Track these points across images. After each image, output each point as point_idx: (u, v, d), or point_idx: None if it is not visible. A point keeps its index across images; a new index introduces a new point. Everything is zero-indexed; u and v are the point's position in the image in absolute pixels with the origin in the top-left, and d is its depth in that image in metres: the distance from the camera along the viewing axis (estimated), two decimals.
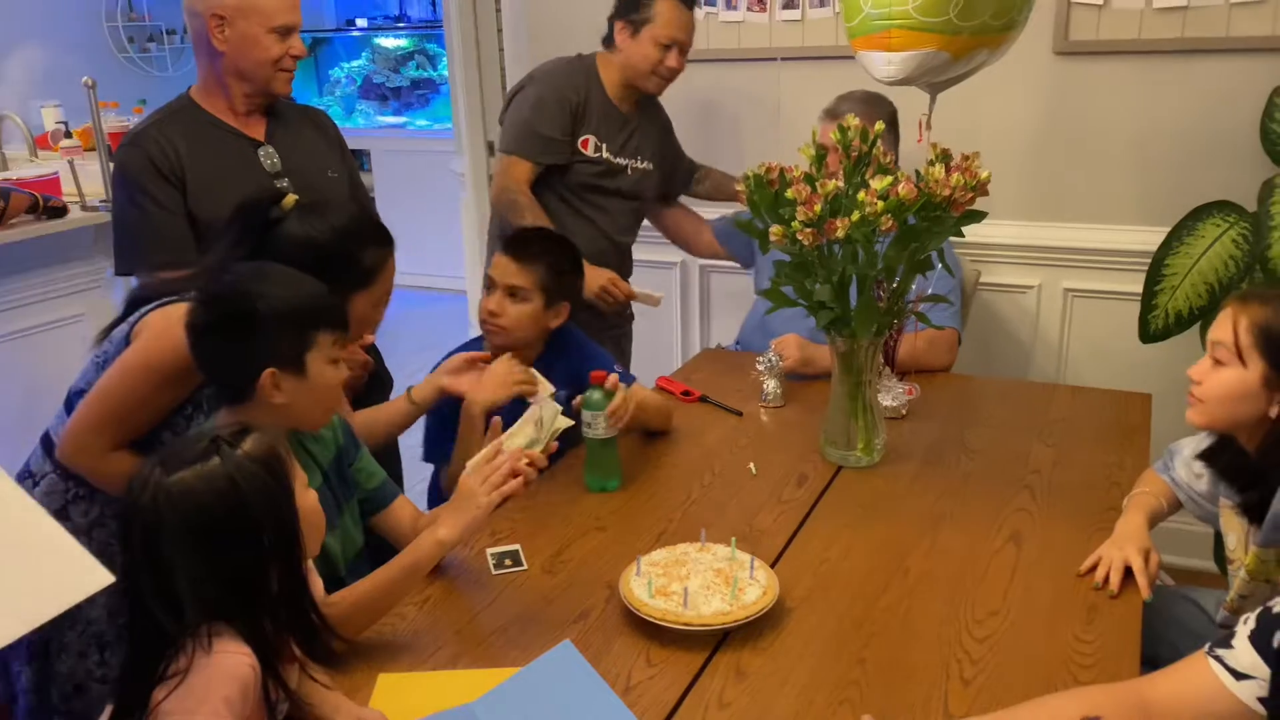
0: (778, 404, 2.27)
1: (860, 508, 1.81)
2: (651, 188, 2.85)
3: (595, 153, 2.69)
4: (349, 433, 1.66)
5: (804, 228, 1.71)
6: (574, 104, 2.65)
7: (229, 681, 1.07)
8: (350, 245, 1.63)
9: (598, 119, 2.68)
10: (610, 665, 1.37)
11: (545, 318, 2.04)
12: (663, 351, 3.45)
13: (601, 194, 2.73)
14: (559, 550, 1.69)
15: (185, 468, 1.11)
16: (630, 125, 2.74)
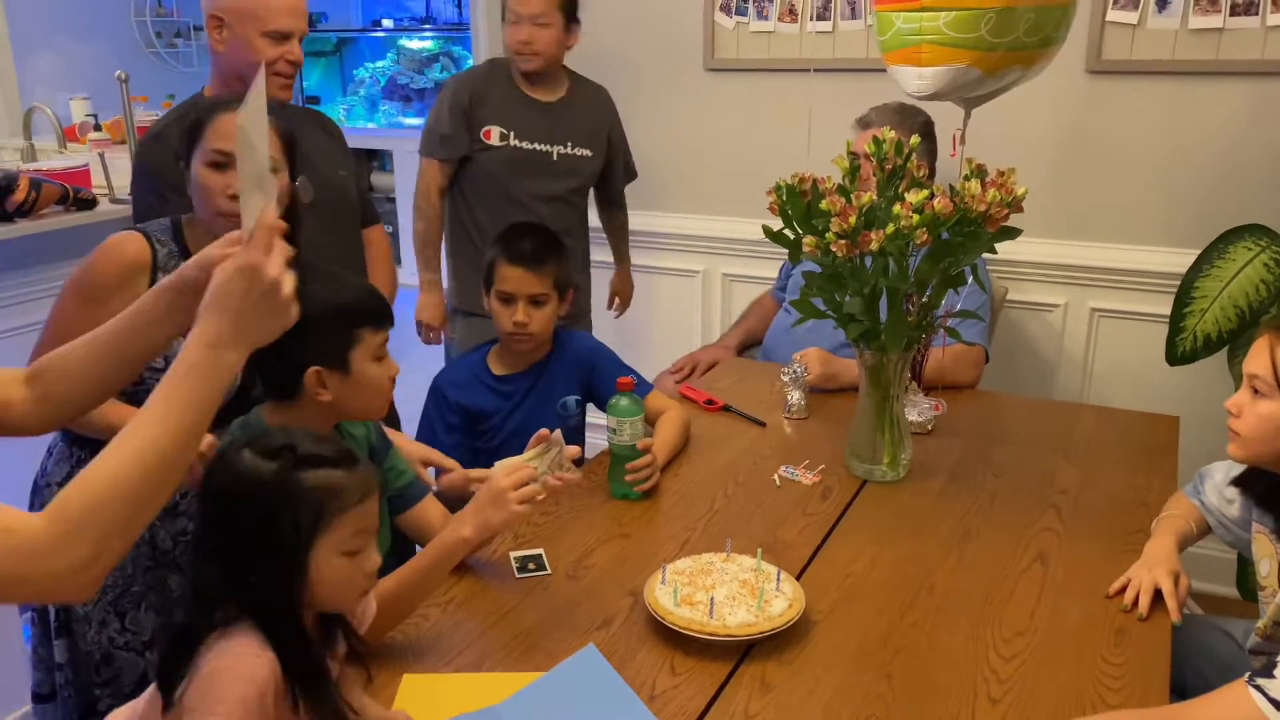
0: (801, 415, 2.26)
1: (885, 523, 1.80)
2: (592, 172, 2.93)
3: (501, 141, 2.80)
4: (380, 432, 1.67)
5: (838, 239, 1.70)
6: (468, 98, 2.79)
7: (246, 684, 1.04)
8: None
9: (502, 108, 2.80)
10: (635, 673, 1.36)
11: (559, 310, 2.09)
12: None
13: (514, 181, 2.82)
14: (582, 556, 1.69)
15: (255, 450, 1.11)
16: (553, 114, 2.83)
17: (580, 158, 2.88)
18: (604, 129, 2.96)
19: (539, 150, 2.82)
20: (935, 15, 1.97)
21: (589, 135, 2.90)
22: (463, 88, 2.85)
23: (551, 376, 2.10)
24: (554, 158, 2.84)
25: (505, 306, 2.02)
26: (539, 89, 2.85)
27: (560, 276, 2.06)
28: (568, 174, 2.88)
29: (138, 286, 1.69)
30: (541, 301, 2.02)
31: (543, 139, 2.83)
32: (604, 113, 2.97)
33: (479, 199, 2.86)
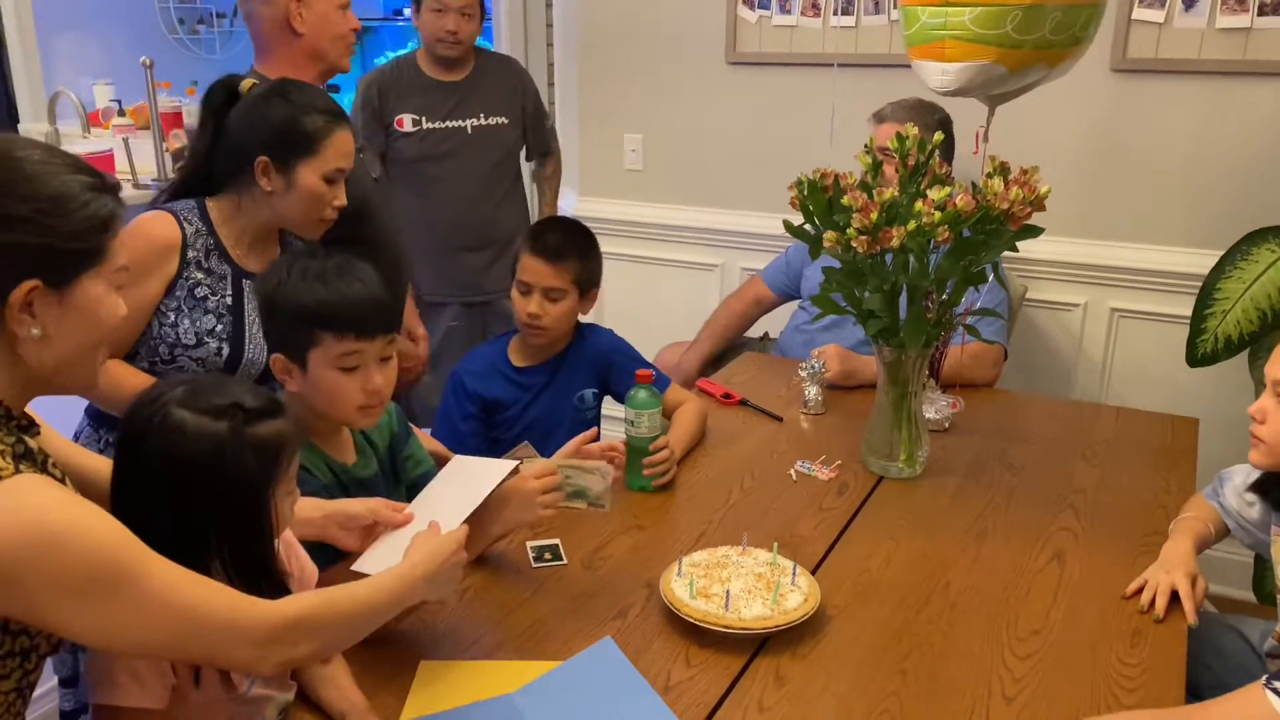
0: (819, 411, 2.26)
1: (901, 519, 1.80)
2: (512, 140, 3.02)
3: (414, 127, 2.89)
4: (402, 420, 1.68)
5: (859, 235, 1.70)
6: (375, 93, 2.88)
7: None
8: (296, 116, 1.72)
9: (411, 96, 2.89)
10: (649, 664, 1.37)
11: (580, 308, 2.08)
12: None
13: (435, 162, 2.90)
14: (598, 547, 1.69)
15: (196, 411, 1.12)
16: (460, 90, 2.93)
17: (496, 126, 2.97)
18: (516, 95, 3.03)
19: (452, 127, 2.91)
20: (960, 10, 1.96)
21: (501, 103, 2.98)
22: (370, 86, 2.92)
23: (570, 370, 2.10)
24: (468, 130, 2.93)
25: (523, 296, 2.03)
26: (447, 71, 2.94)
27: (582, 275, 2.04)
28: (487, 146, 2.96)
29: (169, 266, 1.72)
30: (557, 296, 2.02)
31: (454, 115, 2.91)
32: (514, 80, 3.05)
33: (406, 187, 2.93)
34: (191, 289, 1.73)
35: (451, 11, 2.82)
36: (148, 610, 0.97)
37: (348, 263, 1.54)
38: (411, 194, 2.92)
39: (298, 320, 1.50)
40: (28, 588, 0.92)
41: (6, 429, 1.01)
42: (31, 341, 1.01)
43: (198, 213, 1.77)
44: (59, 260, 1.01)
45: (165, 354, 1.73)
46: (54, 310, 1.02)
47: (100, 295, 1.06)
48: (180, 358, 1.73)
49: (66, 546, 0.92)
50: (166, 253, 1.72)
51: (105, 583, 0.94)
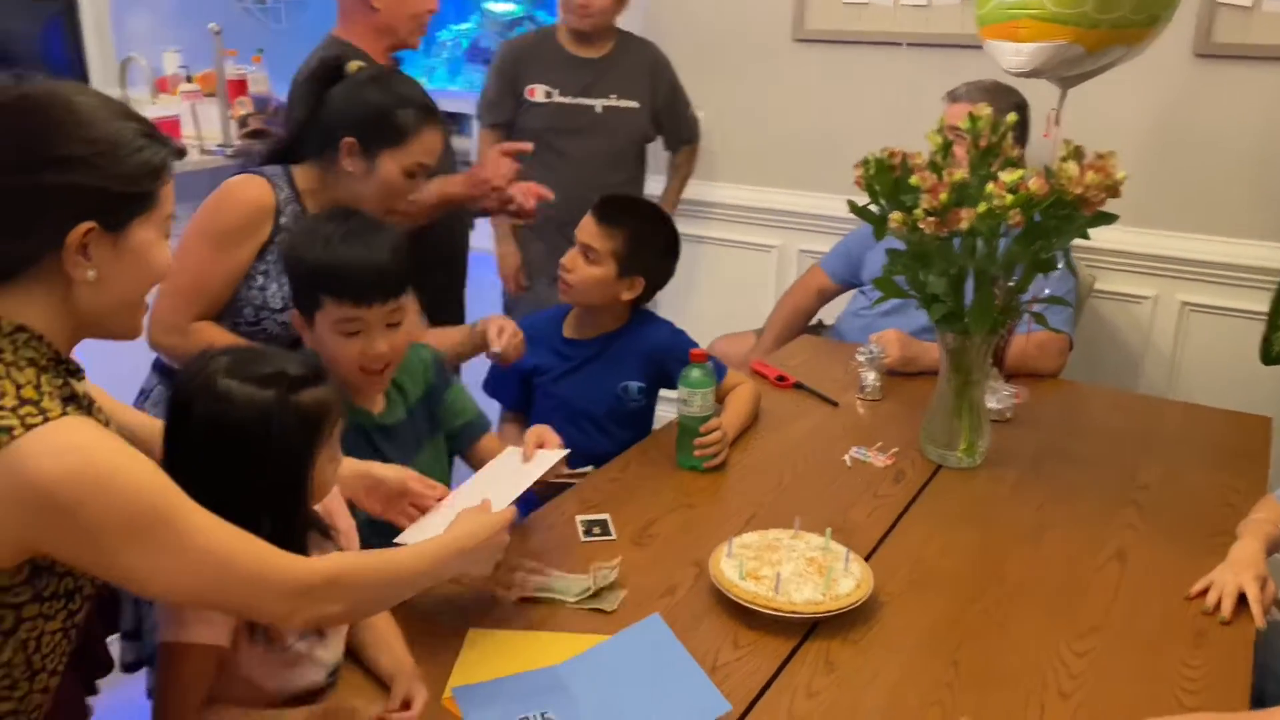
0: (876, 397, 2.23)
1: (959, 509, 1.77)
2: (639, 126, 2.99)
3: (545, 99, 2.88)
4: (441, 371, 1.69)
5: (927, 216, 1.66)
6: (512, 61, 2.91)
7: None
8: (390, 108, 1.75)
9: (548, 68, 2.89)
10: (697, 643, 1.35)
11: (616, 287, 1.99)
12: None
13: (561, 136, 2.89)
14: (648, 524, 1.68)
15: (242, 379, 1.14)
16: (596, 68, 2.91)
17: (625, 110, 2.94)
18: (650, 81, 2.99)
19: (582, 105, 2.89)
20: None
21: (635, 87, 2.95)
22: (508, 52, 2.96)
23: (618, 353, 2.04)
24: (597, 110, 2.90)
25: (571, 249, 2.00)
26: (584, 47, 2.92)
27: (625, 251, 1.96)
28: (614, 129, 2.94)
29: (263, 231, 1.74)
30: (593, 259, 1.96)
31: (585, 93, 2.90)
32: (652, 66, 3.01)
33: (528, 159, 2.89)
34: (281, 254, 1.74)
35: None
36: (185, 556, 0.97)
37: (360, 228, 1.54)
38: (531, 163, 2.88)
39: (304, 281, 1.53)
40: (71, 526, 0.93)
41: (55, 372, 1.02)
42: (86, 285, 1.02)
43: (286, 179, 1.79)
44: (114, 203, 1.02)
45: (251, 316, 1.75)
46: (108, 253, 1.02)
47: (152, 241, 1.06)
48: (265, 320, 1.75)
49: (111, 487, 0.93)
50: (262, 217, 1.75)
51: (145, 525, 0.95)
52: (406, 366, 1.64)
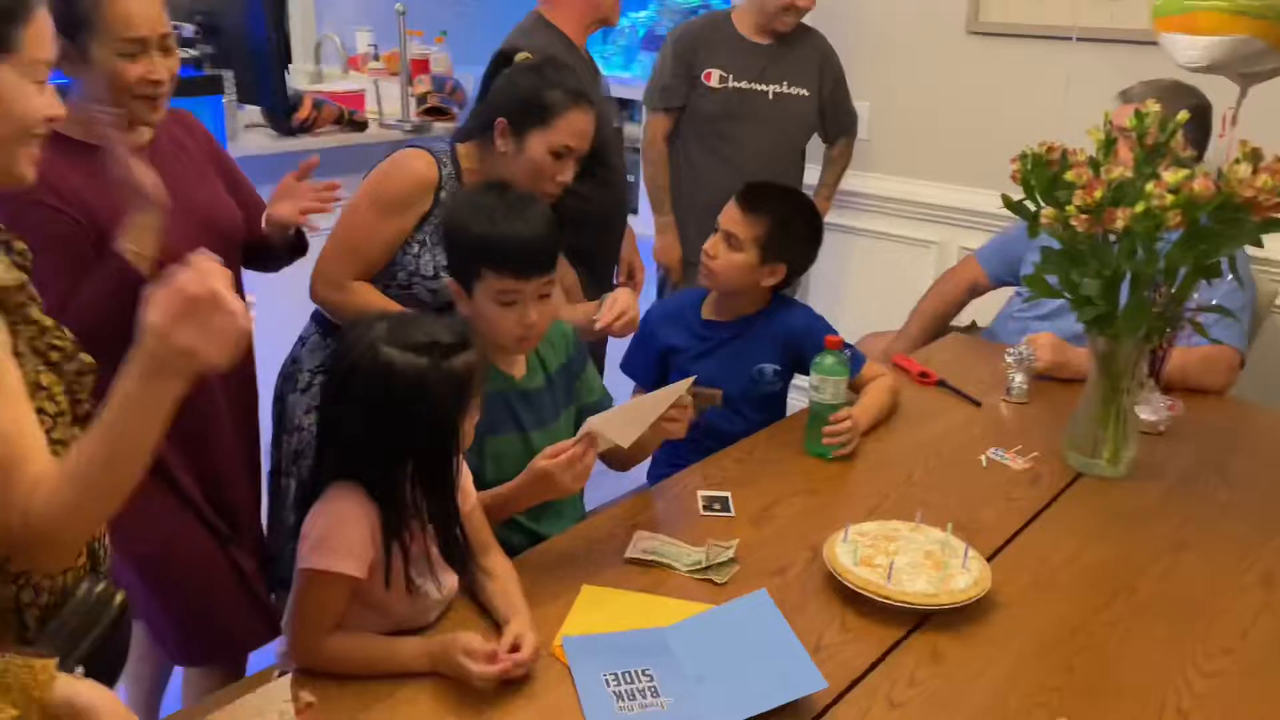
0: (1022, 400, 2.16)
1: (1095, 518, 1.70)
2: (807, 115, 3.01)
3: (720, 84, 2.90)
4: (581, 348, 1.75)
5: (1080, 213, 1.60)
6: (688, 46, 2.92)
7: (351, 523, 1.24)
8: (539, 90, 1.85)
9: (723, 53, 2.90)
10: (803, 623, 1.36)
11: (758, 273, 1.99)
12: None
13: (734, 121, 2.90)
14: (768, 505, 1.70)
15: (401, 348, 1.24)
16: (769, 54, 2.93)
17: (795, 97, 2.95)
18: (819, 70, 3.00)
19: (755, 90, 2.91)
20: None
21: (805, 76, 2.96)
22: (683, 37, 2.98)
23: (755, 337, 2.05)
24: (769, 97, 2.92)
25: (713, 234, 2.02)
26: (760, 34, 2.93)
27: (767, 238, 1.96)
28: (783, 116, 2.95)
29: (424, 203, 1.87)
30: (735, 245, 1.97)
31: (758, 78, 2.91)
32: (821, 55, 3.01)
33: (699, 142, 2.96)
34: (437, 226, 1.85)
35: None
36: None
37: (520, 203, 1.61)
38: (702, 149, 2.95)
39: (466, 252, 1.61)
40: None
41: None
42: None
43: (450, 156, 1.90)
44: None
45: (403, 280, 1.87)
46: None
47: (12, 84, 1.04)
48: (416, 286, 1.87)
49: None
50: (424, 191, 1.87)
51: None
52: (548, 337, 1.71)
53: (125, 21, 1.52)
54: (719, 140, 2.92)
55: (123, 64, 1.53)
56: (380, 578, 1.25)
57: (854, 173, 3.41)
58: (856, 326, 2.97)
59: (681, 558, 1.50)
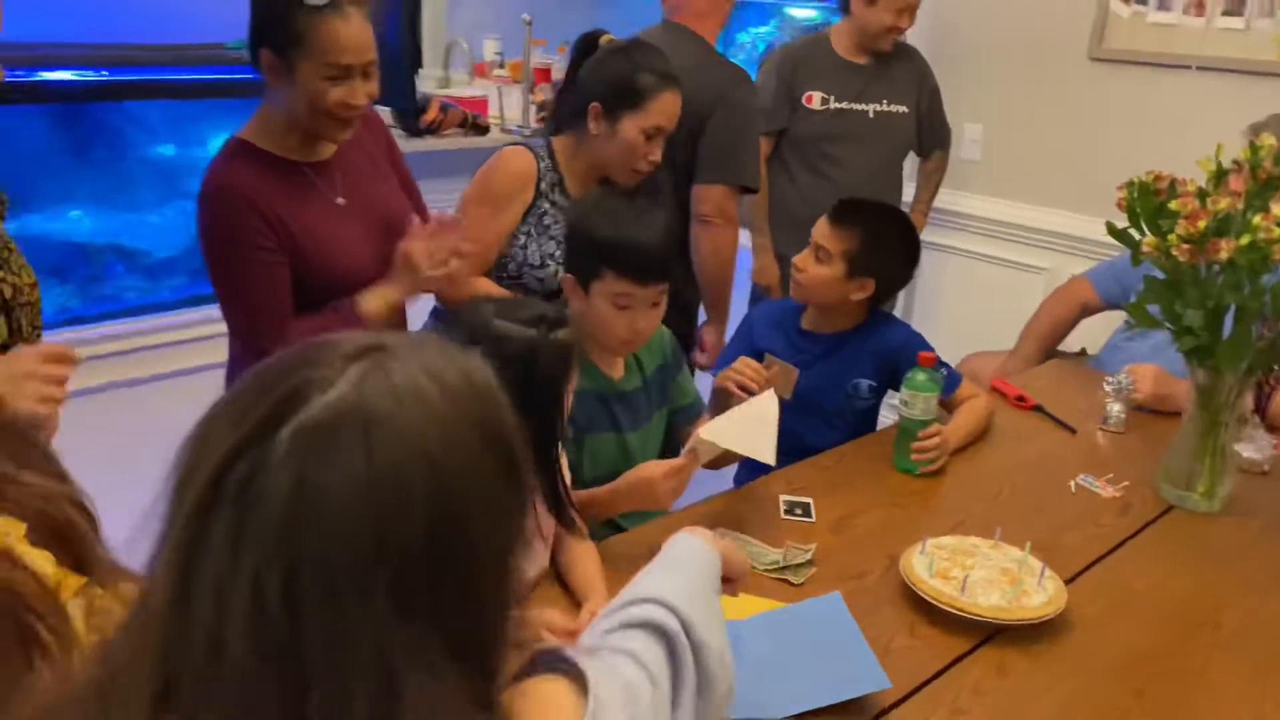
0: (1119, 430, 2.13)
1: (1184, 551, 1.69)
2: (907, 132, 3.02)
3: (821, 105, 2.92)
4: (677, 352, 1.82)
5: (1182, 243, 1.59)
6: (790, 68, 2.93)
7: None
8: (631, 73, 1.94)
9: (823, 74, 2.92)
10: (874, 627, 1.40)
11: (846, 287, 2.00)
12: None
13: (835, 142, 2.92)
14: (849, 515, 1.73)
15: (511, 320, 1.34)
16: (868, 73, 2.94)
17: (895, 114, 2.96)
18: (917, 86, 3.00)
19: (855, 110, 2.92)
20: None
21: (903, 93, 2.97)
22: (785, 60, 3.00)
23: (851, 352, 2.07)
24: (870, 115, 2.93)
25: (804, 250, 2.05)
26: (858, 53, 2.95)
27: (856, 251, 1.98)
28: (884, 134, 2.96)
29: (526, 195, 1.98)
30: (823, 258, 1.98)
31: (858, 98, 2.93)
32: (917, 71, 3.02)
33: (800, 163, 2.98)
34: (540, 217, 1.96)
35: (908, 12, 2.84)
36: None
37: (647, 209, 1.68)
38: (805, 170, 2.97)
39: (589, 251, 1.66)
40: None
41: None
42: None
43: (546, 150, 2.00)
44: None
45: (513, 270, 1.97)
46: None
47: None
48: (525, 275, 1.97)
49: None
50: (524, 185, 1.98)
51: None
52: (647, 342, 1.77)
53: (335, 47, 1.53)
54: (821, 160, 2.94)
55: (326, 86, 1.55)
56: None
57: (962, 194, 3.40)
58: (956, 347, 2.95)
59: (760, 556, 1.55)
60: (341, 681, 0.61)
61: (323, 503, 0.61)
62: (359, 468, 0.62)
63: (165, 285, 2.31)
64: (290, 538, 0.61)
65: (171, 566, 0.64)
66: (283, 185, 1.60)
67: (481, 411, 0.70)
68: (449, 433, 0.66)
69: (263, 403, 0.64)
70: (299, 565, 0.61)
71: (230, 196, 1.57)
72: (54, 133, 2.11)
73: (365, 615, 0.61)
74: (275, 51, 1.55)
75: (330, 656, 0.61)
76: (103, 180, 2.19)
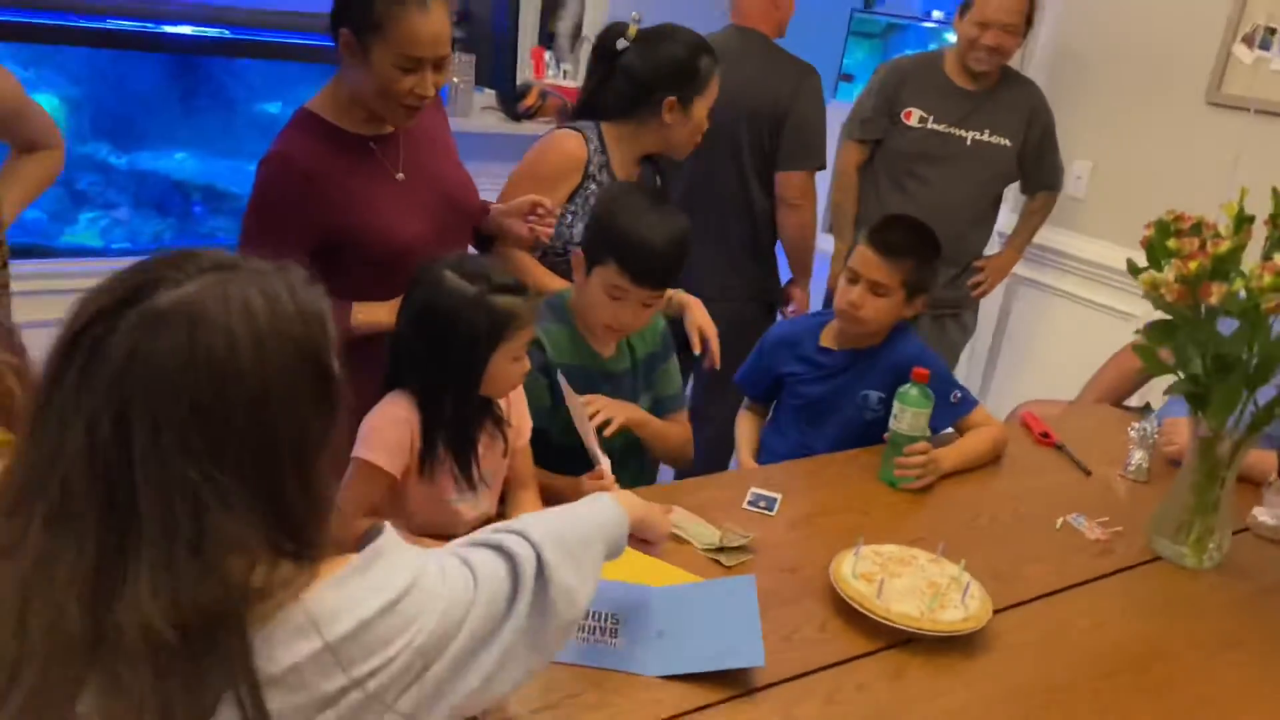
0: (1139, 478, 2.07)
1: (1148, 601, 1.64)
2: (1006, 164, 2.94)
3: (919, 124, 2.90)
4: (667, 341, 1.88)
5: (1174, 282, 1.56)
6: (894, 82, 2.93)
7: (392, 424, 1.45)
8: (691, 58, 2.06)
9: (928, 94, 2.90)
10: (786, 615, 1.44)
11: (903, 310, 2.03)
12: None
13: (927, 163, 2.88)
14: (814, 514, 1.76)
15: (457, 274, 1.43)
16: (975, 100, 2.90)
17: (995, 146, 2.89)
18: (1027, 121, 2.92)
19: (953, 134, 2.89)
20: None
21: (1009, 125, 2.90)
22: (891, 73, 2.99)
23: (868, 367, 2.08)
24: (968, 143, 2.89)
25: (848, 284, 2.03)
26: (969, 79, 2.90)
27: (913, 278, 2.00)
28: (981, 164, 2.90)
29: (575, 177, 2.09)
30: (882, 292, 1.99)
31: (959, 124, 2.89)
32: (1031, 106, 2.93)
33: (889, 178, 2.97)
34: (587, 198, 2.07)
35: (994, 28, 2.76)
36: None
37: (668, 216, 1.74)
38: (892, 186, 2.97)
39: (600, 235, 1.74)
40: None
41: None
42: None
43: (596, 133, 2.10)
44: None
45: (559, 248, 2.09)
46: None
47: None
48: (570, 251, 2.08)
49: None
50: (575, 166, 2.09)
51: None
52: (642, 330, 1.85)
53: (413, 39, 1.58)
54: (909, 179, 2.93)
55: (398, 74, 1.60)
56: (413, 481, 1.46)
57: (1064, 232, 3.31)
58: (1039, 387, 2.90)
59: (701, 536, 1.61)
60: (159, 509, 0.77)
61: (148, 369, 0.78)
62: (182, 349, 0.78)
63: None
64: (121, 390, 0.77)
65: (36, 397, 0.81)
66: (343, 158, 1.67)
67: (303, 332, 0.85)
68: (265, 340, 0.82)
69: (126, 286, 0.81)
70: (128, 413, 0.77)
71: (286, 168, 1.63)
72: (169, 80, 2.36)
73: (183, 460, 0.78)
74: (354, 32, 1.60)
75: (148, 488, 0.77)
76: (207, 128, 2.43)
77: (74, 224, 2.33)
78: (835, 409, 2.11)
